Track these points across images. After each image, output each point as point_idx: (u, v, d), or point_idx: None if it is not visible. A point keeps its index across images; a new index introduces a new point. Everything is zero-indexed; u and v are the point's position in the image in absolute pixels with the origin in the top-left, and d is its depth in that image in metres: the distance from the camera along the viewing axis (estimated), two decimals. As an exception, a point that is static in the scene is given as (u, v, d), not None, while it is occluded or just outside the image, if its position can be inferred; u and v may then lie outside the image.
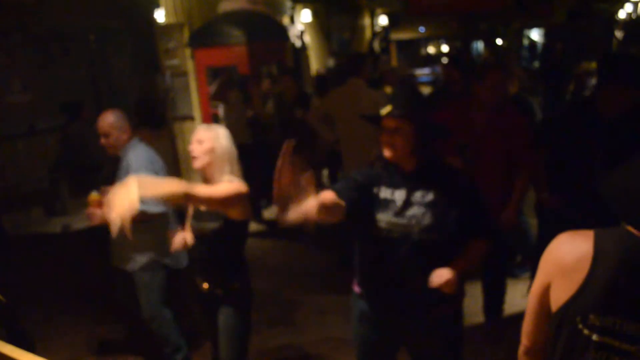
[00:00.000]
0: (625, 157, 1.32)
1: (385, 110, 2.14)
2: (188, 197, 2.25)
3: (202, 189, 2.37)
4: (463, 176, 2.22)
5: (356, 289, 2.38)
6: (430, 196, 2.12)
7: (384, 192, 2.18)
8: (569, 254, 1.34)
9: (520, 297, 4.06)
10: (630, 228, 1.28)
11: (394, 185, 2.17)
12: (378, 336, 2.35)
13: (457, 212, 2.10)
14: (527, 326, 1.49)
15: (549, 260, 1.39)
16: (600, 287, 1.26)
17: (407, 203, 2.13)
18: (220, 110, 6.33)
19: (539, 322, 1.45)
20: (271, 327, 4.02)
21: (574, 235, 1.36)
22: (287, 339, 3.86)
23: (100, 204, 2.91)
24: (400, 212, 2.12)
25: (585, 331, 1.28)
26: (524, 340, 1.51)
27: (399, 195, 2.15)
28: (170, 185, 2.22)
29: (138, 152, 3.22)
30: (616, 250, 1.27)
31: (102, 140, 3.22)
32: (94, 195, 3.02)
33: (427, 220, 2.09)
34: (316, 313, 4.18)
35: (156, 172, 3.17)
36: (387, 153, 2.15)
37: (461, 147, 3.17)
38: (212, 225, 2.53)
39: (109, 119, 3.20)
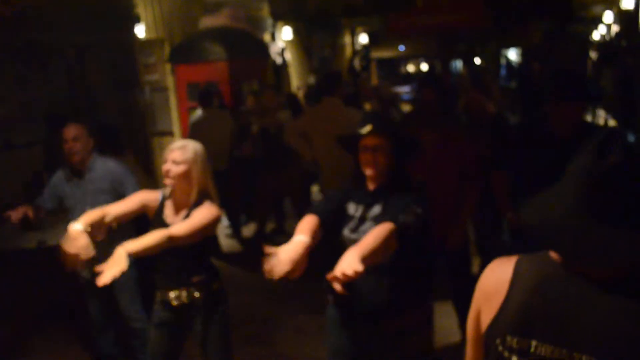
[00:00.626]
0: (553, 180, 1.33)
1: (366, 129, 2.19)
2: (172, 241, 2.37)
3: (182, 228, 2.43)
4: (417, 193, 2.29)
5: (329, 297, 2.47)
6: (379, 210, 2.22)
7: (351, 208, 2.30)
8: (491, 279, 1.38)
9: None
10: (551, 253, 1.29)
11: (358, 202, 2.29)
12: (350, 345, 2.41)
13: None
14: (467, 353, 1.52)
15: (478, 287, 1.43)
16: (515, 309, 1.28)
17: (362, 219, 2.25)
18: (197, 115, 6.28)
19: (474, 349, 1.48)
20: (248, 345, 3.98)
21: (501, 262, 1.39)
22: (263, 356, 3.84)
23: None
24: (356, 228, 2.25)
25: (506, 353, 1.29)
26: (469, 330, 1.52)
27: (359, 212, 2.27)
28: (154, 238, 2.35)
29: (108, 161, 3.39)
30: (533, 273, 1.29)
31: (69, 145, 3.27)
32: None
33: None
34: (293, 331, 4.16)
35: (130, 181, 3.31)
36: (369, 172, 2.24)
37: (418, 183, 3.23)
38: None
39: (77, 126, 3.35)
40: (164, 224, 2.56)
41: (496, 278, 1.36)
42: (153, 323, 2.72)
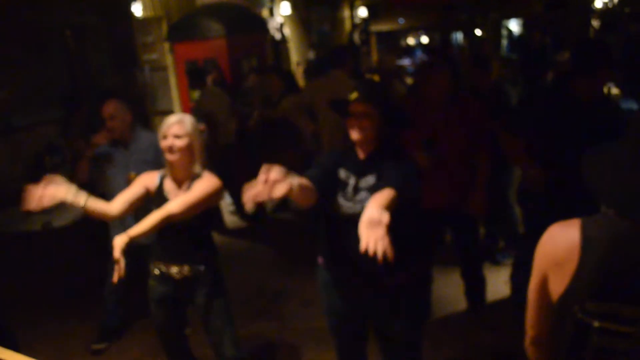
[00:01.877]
0: (607, 140, 1.35)
1: (353, 95, 2.23)
2: (171, 218, 2.41)
3: (180, 203, 2.44)
4: (408, 160, 2.31)
5: (320, 260, 2.52)
6: (373, 180, 2.25)
7: (343, 175, 2.33)
8: (559, 245, 1.35)
9: (502, 284, 4.10)
10: (614, 214, 1.29)
11: (349, 170, 2.32)
12: (342, 304, 2.48)
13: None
14: (530, 318, 1.50)
15: (542, 253, 1.40)
16: (593, 274, 1.28)
17: (357, 189, 2.27)
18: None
19: (541, 314, 1.46)
20: (256, 319, 4.02)
21: (563, 226, 1.37)
22: (272, 331, 3.87)
23: None
24: (352, 197, 2.28)
25: (585, 319, 1.30)
26: (530, 331, 1.52)
27: (352, 181, 2.30)
28: (153, 219, 2.40)
29: (152, 134, 3.47)
30: (605, 237, 1.28)
31: (109, 123, 3.42)
32: (133, 175, 3.20)
33: None
34: (301, 305, 4.19)
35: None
36: (355, 135, 2.28)
37: (427, 143, 3.21)
38: None
39: (114, 103, 3.46)
40: (165, 201, 2.56)
41: (564, 244, 1.34)
42: (153, 298, 2.72)
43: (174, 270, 2.62)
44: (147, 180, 2.63)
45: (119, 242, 2.35)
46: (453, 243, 3.76)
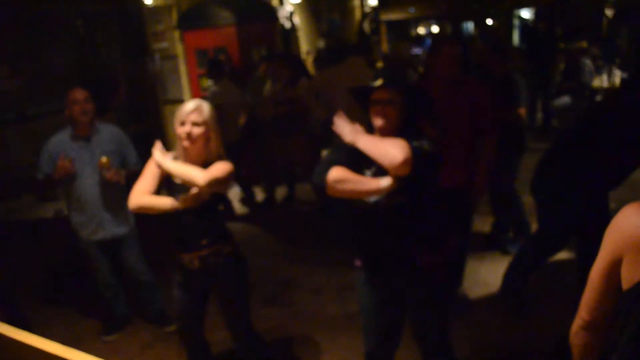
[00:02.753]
0: None
1: (377, 82, 2.22)
2: (192, 183, 2.45)
3: (205, 176, 2.44)
4: (430, 139, 2.29)
5: (357, 262, 2.50)
6: None
7: (363, 164, 2.30)
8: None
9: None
10: None
11: (369, 159, 2.26)
12: (377, 300, 2.46)
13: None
14: (589, 301, 1.43)
15: (618, 234, 1.31)
16: None
17: (378, 174, 2.24)
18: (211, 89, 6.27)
19: (603, 299, 1.39)
20: (267, 306, 4.05)
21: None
22: (282, 318, 3.90)
23: (110, 166, 3.33)
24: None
25: None
26: (584, 315, 1.45)
27: (373, 169, 2.27)
28: (182, 169, 2.47)
29: (111, 125, 3.59)
30: None
31: (82, 105, 3.38)
32: (104, 159, 3.32)
33: (396, 190, 2.20)
34: (311, 292, 4.22)
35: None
36: (378, 122, 2.26)
37: (434, 119, 3.22)
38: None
39: (84, 90, 3.44)
40: (174, 186, 2.58)
41: None
42: (175, 284, 2.75)
43: (189, 258, 2.63)
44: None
45: (158, 157, 2.51)
46: None
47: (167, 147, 2.82)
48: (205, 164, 2.55)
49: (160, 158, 2.51)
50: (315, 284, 4.31)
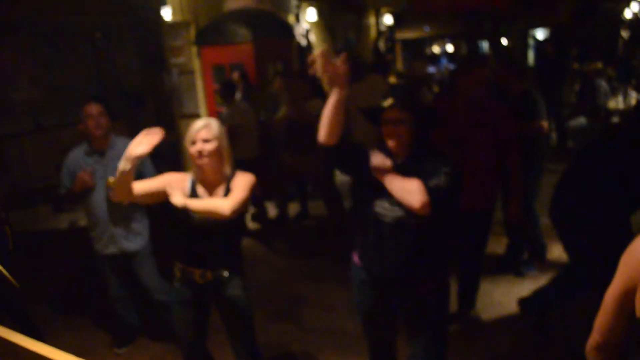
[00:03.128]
0: None
1: (387, 102, 2.23)
2: (216, 215, 2.43)
3: (231, 203, 2.43)
4: (447, 159, 2.32)
5: (356, 259, 2.54)
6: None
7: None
8: None
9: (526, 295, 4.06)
10: None
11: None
12: (376, 302, 2.53)
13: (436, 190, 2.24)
14: (602, 324, 1.45)
15: (634, 261, 1.31)
16: None
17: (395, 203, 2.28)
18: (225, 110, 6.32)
19: (616, 322, 1.41)
20: (277, 322, 4.04)
21: None
22: (292, 334, 3.88)
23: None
24: (393, 199, 2.27)
25: None
26: (597, 336, 1.48)
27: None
28: (202, 204, 2.45)
29: (128, 140, 3.36)
30: None
31: (96, 120, 3.38)
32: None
33: None
34: (322, 308, 4.20)
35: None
36: (391, 143, 2.30)
37: (453, 141, 3.21)
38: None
39: (98, 104, 3.43)
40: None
41: None
42: (176, 300, 2.73)
43: (198, 273, 2.61)
44: (174, 182, 2.58)
45: (179, 200, 2.44)
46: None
47: (184, 162, 2.85)
48: (226, 180, 2.56)
49: (181, 201, 2.45)
50: (327, 301, 4.29)
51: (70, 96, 7.01)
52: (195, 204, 2.45)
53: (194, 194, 2.58)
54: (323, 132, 2.27)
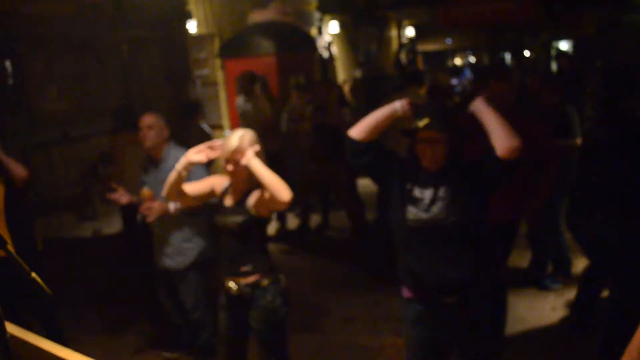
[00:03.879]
0: None
1: (423, 122, 2.21)
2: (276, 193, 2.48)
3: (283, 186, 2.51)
4: (482, 164, 2.33)
5: (406, 293, 2.48)
6: (452, 190, 2.29)
7: (415, 190, 2.35)
8: None
9: (550, 310, 4.02)
10: None
11: (422, 184, 2.34)
12: (431, 334, 2.45)
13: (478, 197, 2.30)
14: (638, 343, 1.44)
15: None
16: None
17: (433, 200, 2.29)
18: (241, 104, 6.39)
19: None
20: (297, 333, 4.03)
21: None
22: (313, 345, 3.88)
23: (152, 199, 3.24)
24: (428, 208, 2.29)
25: None
26: (634, 355, 1.45)
27: (428, 194, 2.31)
28: (272, 176, 2.49)
29: (182, 151, 3.29)
30: None
31: (144, 132, 3.39)
32: (146, 191, 3.27)
33: (451, 211, 2.27)
34: (343, 320, 4.19)
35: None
36: (429, 164, 2.31)
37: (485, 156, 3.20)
38: (237, 219, 2.59)
39: (153, 115, 3.45)
40: (223, 209, 2.65)
41: None
42: (220, 307, 2.77)
43: (233, 284, 2.65)
44: (217, 183, 2.73)
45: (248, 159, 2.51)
46: None
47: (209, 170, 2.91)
48: (252, 186, 2.61)
49: (250, 158, 2.51)
50: (348, 313, 4.28)
51: (96, 107, 7.13)
52: (263, 170, 2.49)
53: (223, 197, 2.70)
54: (360, 129, 2.35)
